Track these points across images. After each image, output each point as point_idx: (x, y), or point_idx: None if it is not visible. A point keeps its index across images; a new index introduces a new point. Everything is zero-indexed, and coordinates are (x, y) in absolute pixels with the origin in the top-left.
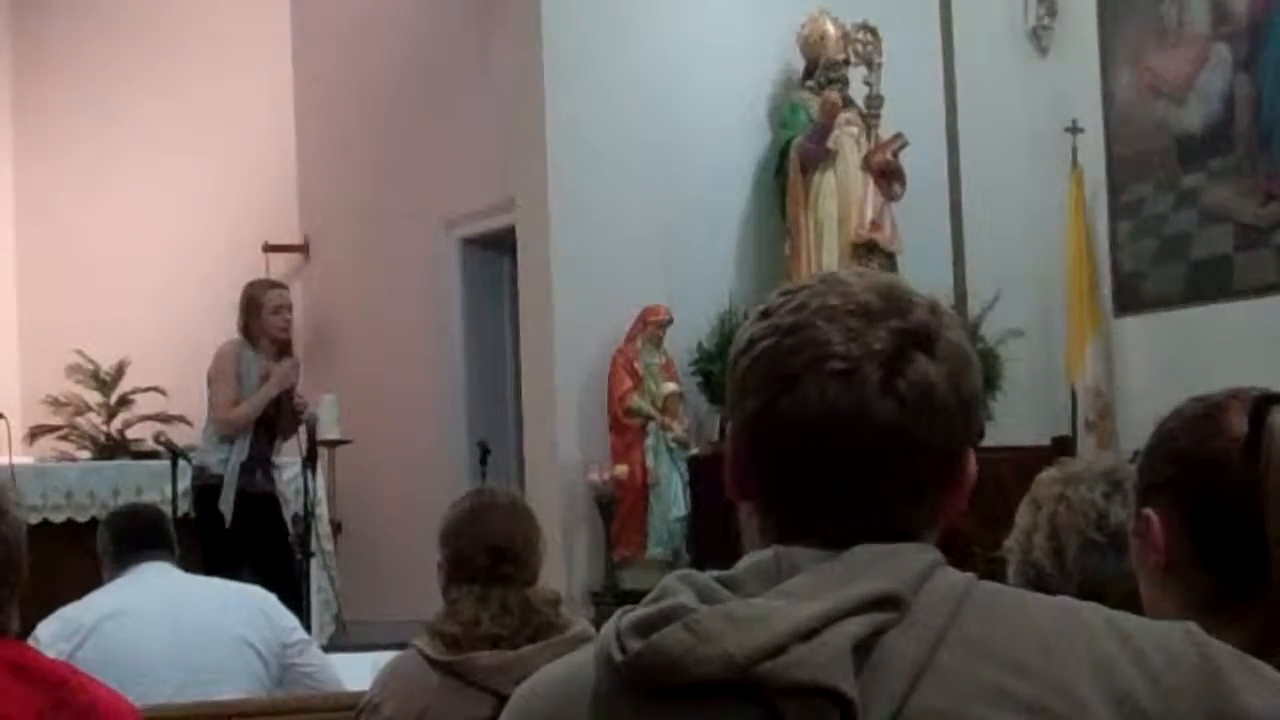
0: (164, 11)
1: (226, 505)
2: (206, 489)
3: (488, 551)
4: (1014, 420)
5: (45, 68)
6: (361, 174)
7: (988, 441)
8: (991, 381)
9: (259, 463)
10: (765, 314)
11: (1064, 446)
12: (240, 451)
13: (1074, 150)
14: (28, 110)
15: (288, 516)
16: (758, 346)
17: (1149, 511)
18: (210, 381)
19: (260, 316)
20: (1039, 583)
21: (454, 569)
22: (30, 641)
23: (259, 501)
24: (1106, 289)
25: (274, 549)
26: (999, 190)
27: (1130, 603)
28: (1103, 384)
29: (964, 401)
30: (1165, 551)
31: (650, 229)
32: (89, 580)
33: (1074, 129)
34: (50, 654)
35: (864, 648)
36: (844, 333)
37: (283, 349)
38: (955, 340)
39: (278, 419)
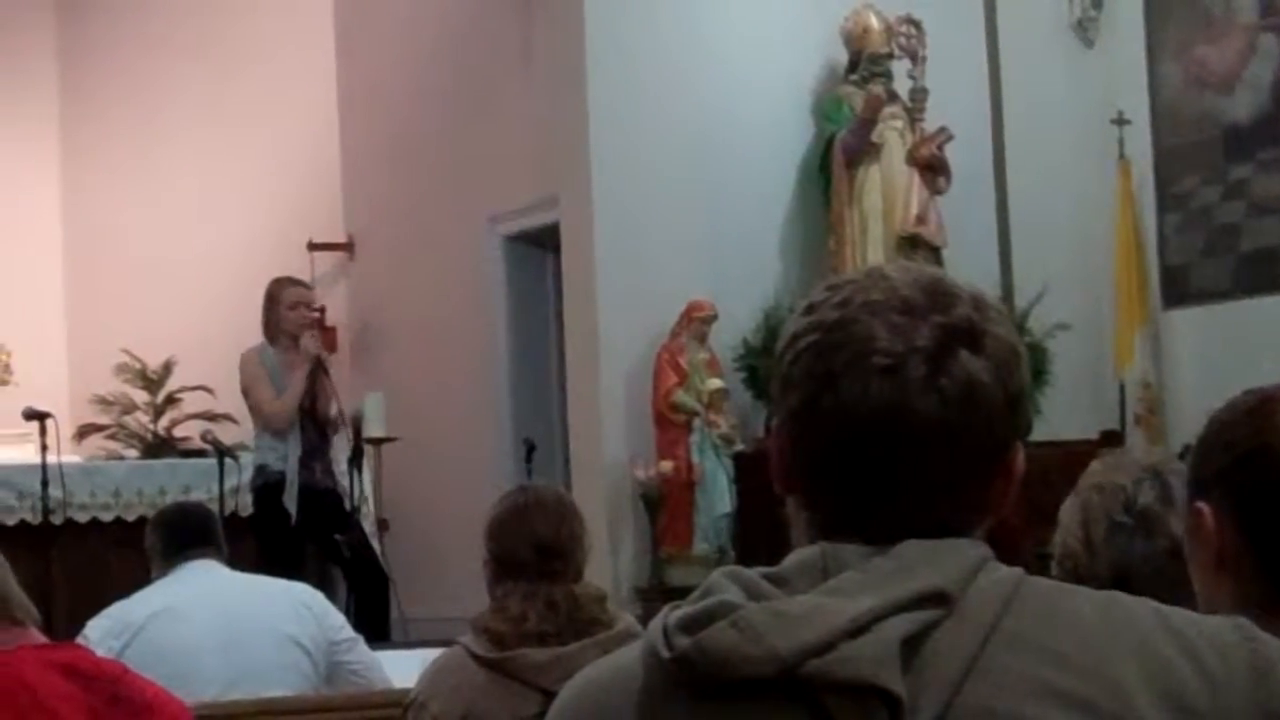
0: (208, 13)
1: (291, 501)
2: (268, 487)
3: (533, 548)
4: (1061, 414)
5: (91, 70)
6: (405, 172)
7: (1035, 436)
8: (1039, 375)
9: (316, 457)
10: (810, 309)
11: (1112, 440)
12: (294, 447)
13: (1120, 142)
14: (74, 112)
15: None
16: (802, 342)
17: (1201, 505)
18: (246, 391)
19: (278, 312)
20: (1075, 572)
21: (500, 566)
22: (80, 639)
23: (321, 496)
24: (1154, 282)
25: (343, 542)
26: (1045, 183)
27: (1156, 583)
28: (1151, 378)
29: (1010, 396)
30: (1217, 545)
31: (694, 224)
32: (137, 578)
33: (1120, 121)
34: (100, 651)
35: (912, 645)
36: (888, 328)
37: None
38: (1001, 335)
39: (317, 405)
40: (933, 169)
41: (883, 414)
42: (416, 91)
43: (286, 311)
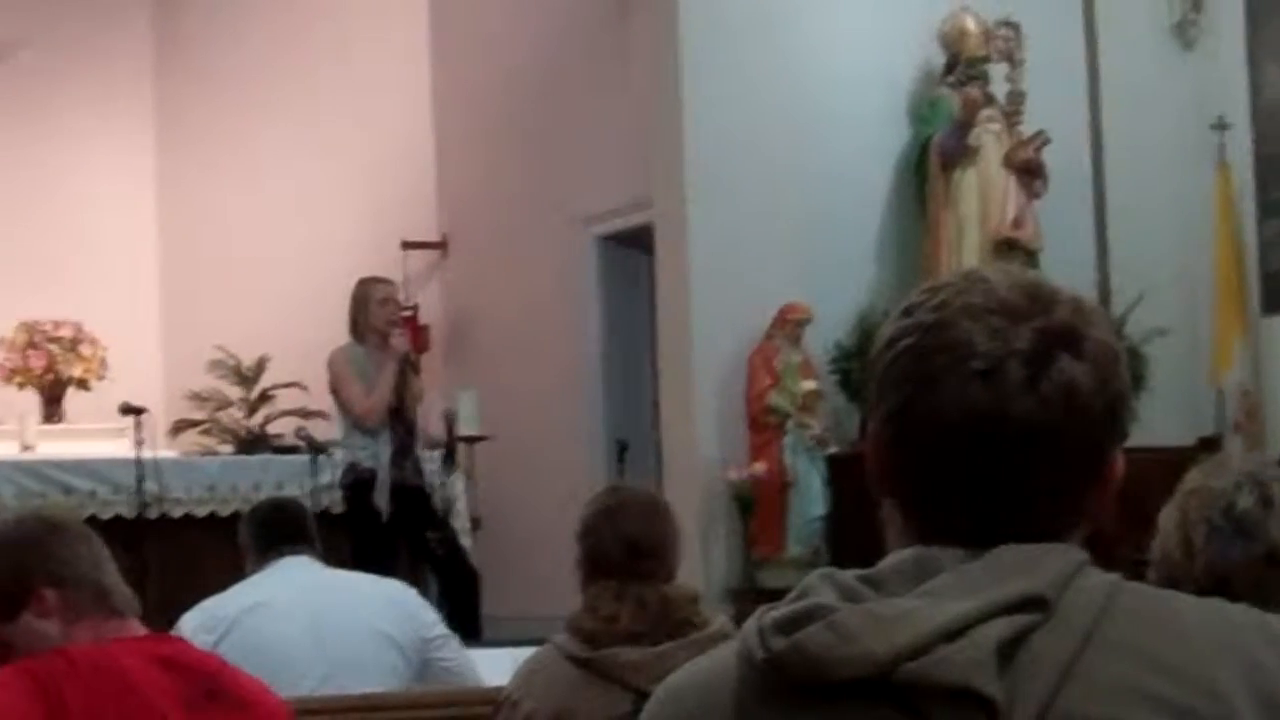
0: (303, 10)
1: (382, 498)
2: (358, 484)
3: (624, 547)
4: (1159, 420)
5: (186, 68)
6: (499, 171)
7: (1132, 441)
8: (1137, 380)
9: (405, 455)
10: (907, 311)
11: (1210, 446)
12: (384, 445)
13: (1220, 147)
14: (169, 109)
15: (438, 509)
16: (899, 344)
17: None
18: (334, 389)
19: (367, 310)
20: (1172, 578)
21: (591, 565)
22: (174, 633)
23: (411, 494)
24: (1254, 288)
25: (430, 540)
26: (1143, 187)
27: (1255, 589)
28: (1250, 384)
29: (1109, 401)
30: None
31: (789, 226)
32: (231, 573)
33: (1220, 125)
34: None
35: (1008, 649)
36: (986, 332)
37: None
38: (1100, 339)
39: (404, 403)
40: (1030, 173)
41: (981, 418)
42: (511, 90)
43: (375, 308)
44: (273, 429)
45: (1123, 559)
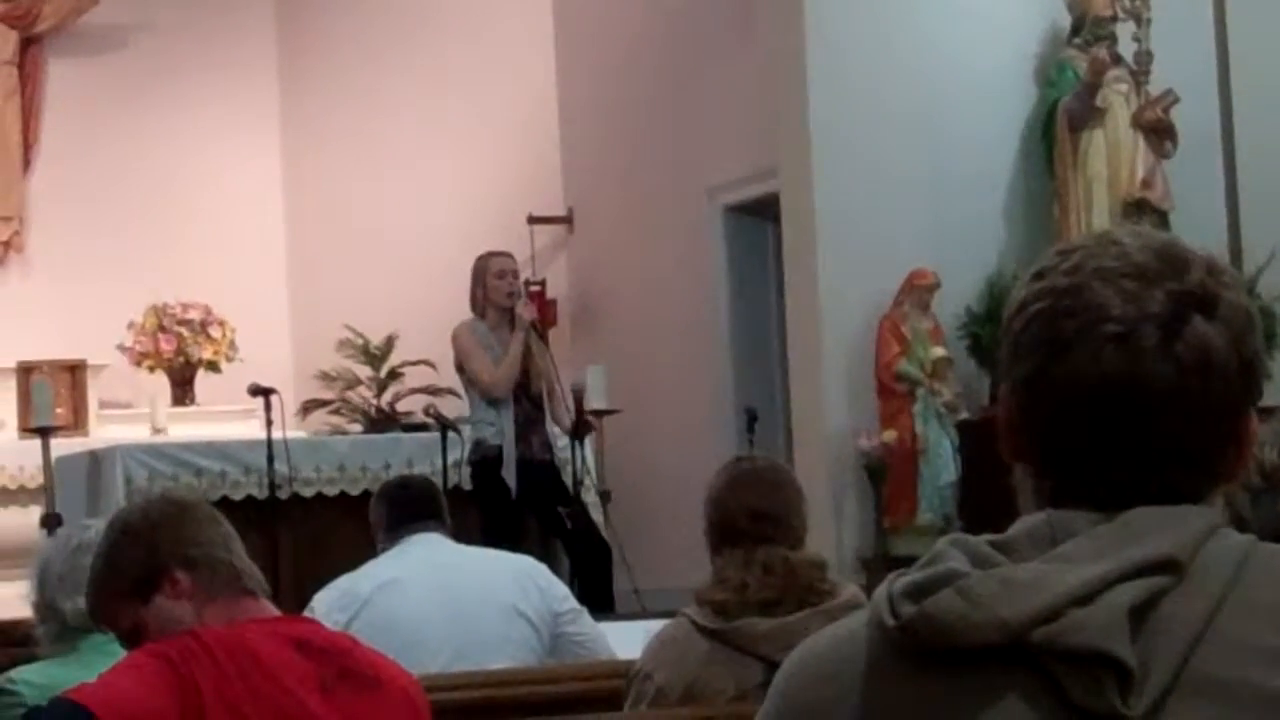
0: None
1: (510, 474)
2: (485, 461)
3: (749, 515)
4: None
5: (310, 49)
6: (624, 144)
7: (1266, 401)
8: (1270, 340)
9: (532, 430)
10: (1039, 275)
11: None
12: (508, 421)
13: None
14: (294, 89)
15: (566, 483)
16: (1031, 308)
17: None
18: (461, 364)
19: (486, 283)
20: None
21: (718, 535)
22: (306, 613)
23: (539, 469)
24: None
25: (560, 514)
26: (1273, 145)
27: None
28: None
29: (1244, 363)
30: None
31: (916, 191)
32: (362, 552)
33: None
34: (327, 624)
35: (1141, 612)
36: (1120, 295)
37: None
38: (1235, 300)
39: (529, 379)
40: (1158, 133)
41: (1115, 382)
42: (634, 61)
43: (494, 281)
44: (402, 407)
45: None
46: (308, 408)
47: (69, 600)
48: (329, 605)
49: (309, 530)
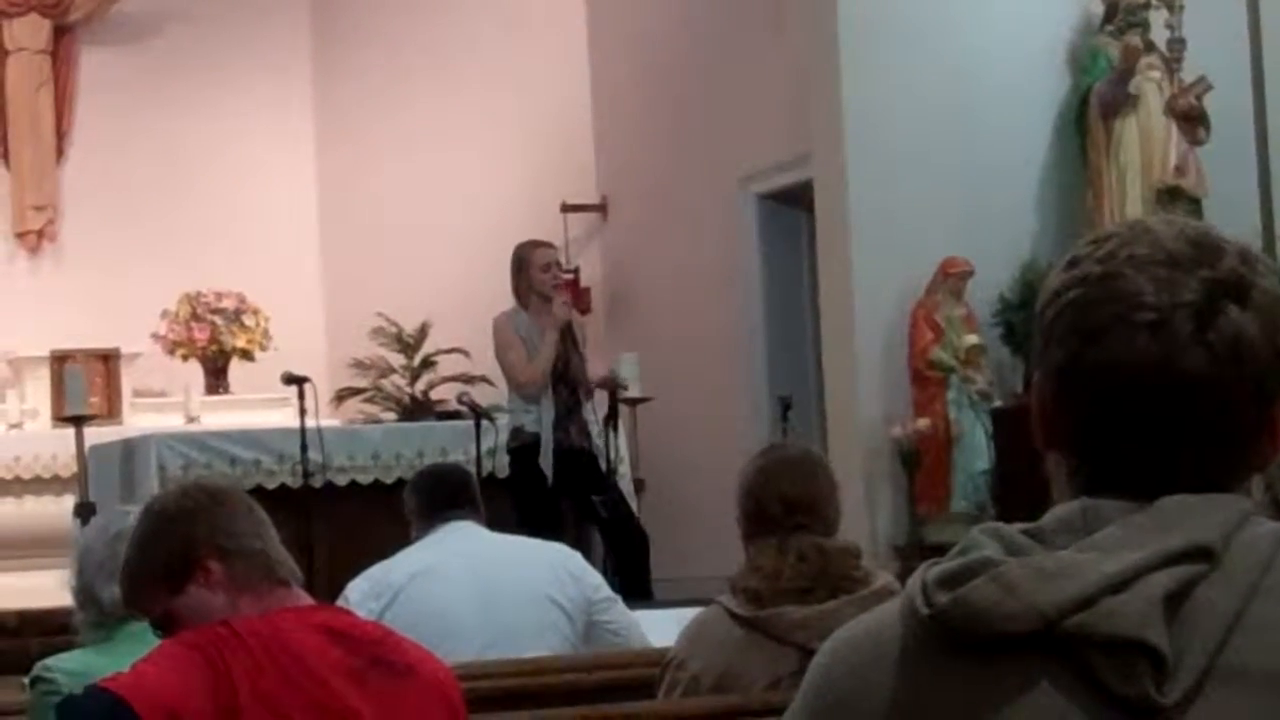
0: None
1: (546, 462)
2: (523, 449)
3: (782, 502)
4: None
5: (343, 37)
6: (658, 132)
7: None
8: None
9: (569, 419)
10: (1073, 263)
11: None
12: (547, 409)
13: None
14: (327, 77)
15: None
16: (1065, 296)
17: None
18: (499, 355)
19: (529, 274)
20: None
21: (751, 523)
22: (340, 601)
23: (576, 457)
24: None
25: (596, 502)
26: None
27: None
28: None
29: (1277, 351)
30: None
31: (949, 179)
32: (396, 540)
33: None
34: (360, 613)
35: (1175, 601)
36: (1154, 283)
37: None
38: (1269, 288)
39: (569, 367)
40: (1191, 120)
41: (1149, 370)
42: (668, 51)
43: (539, 274)
44: (436, 395)
45: None
46: (341, 396)
47: (107, 588)
48: (362, 594)
49: (342, 519)
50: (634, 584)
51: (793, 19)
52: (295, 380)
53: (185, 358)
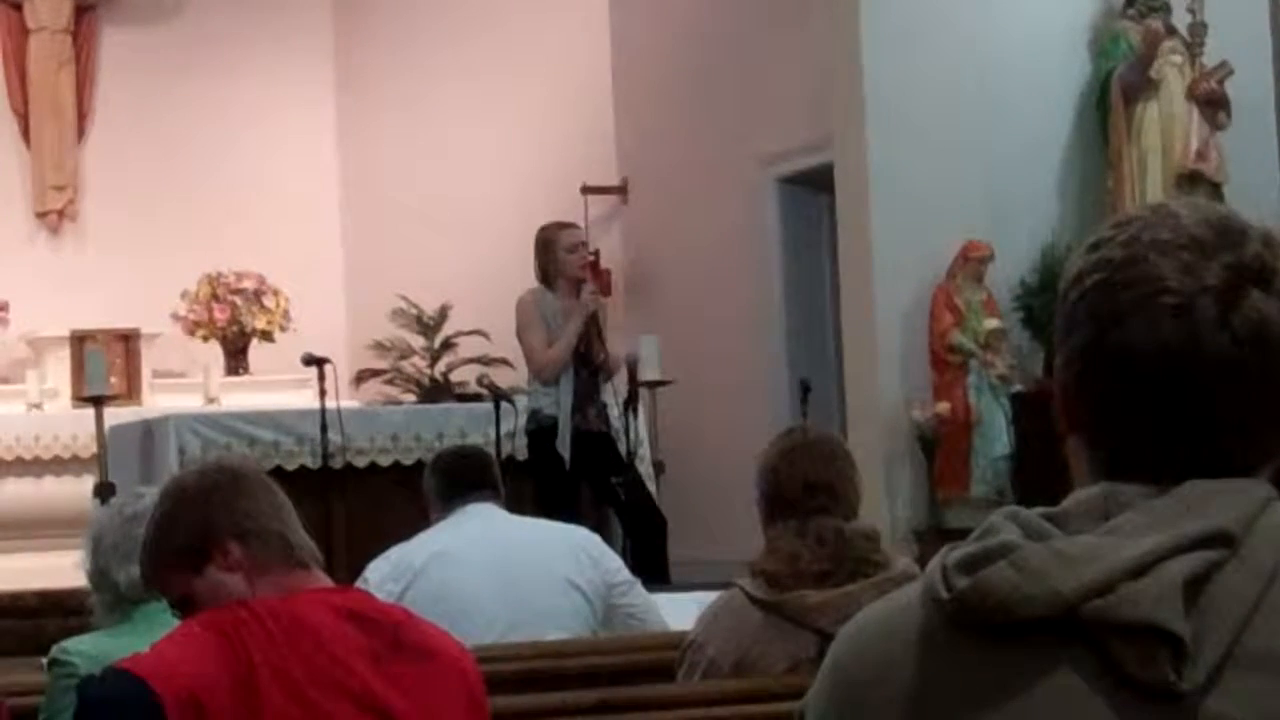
0: None
1: (564, 445)
2: (541, 431)
3: (802, 486)
4: None
5: (365, 17)
6: (678, 114)
7: None
8: None
9: (588, 402)
10: (1095, 246)
11: None
12: (566, 392)
13: None
14: (348, 59)
15: (622, 454)
16: (1087, 280)
17: None
18: (520, 334)
19: (556, 257)
20: None
21: (770, 506)
22: (360, 583)
23: (594, 440)
24: None
25: (616, 484)
26: None
27: None
28: None
29: None
30: None
31: (970, 163)
32: (415, 522)
33: None
34: (380, 595)
35: (1194, 586)
36: (1177, 267)
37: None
38: None
39: (591, 352)
40: (1212, 104)
41: (1172, 354)
42: (689, 33)
43: (566, 255)
44: (456, 377)
45: None
46: (361, 377)
47: (122, 570)
48: (382, 576)
49: (362, 500)
50: (652, 567)
51: (815, 2)
52: (315, 361)
53: (205, 338)
